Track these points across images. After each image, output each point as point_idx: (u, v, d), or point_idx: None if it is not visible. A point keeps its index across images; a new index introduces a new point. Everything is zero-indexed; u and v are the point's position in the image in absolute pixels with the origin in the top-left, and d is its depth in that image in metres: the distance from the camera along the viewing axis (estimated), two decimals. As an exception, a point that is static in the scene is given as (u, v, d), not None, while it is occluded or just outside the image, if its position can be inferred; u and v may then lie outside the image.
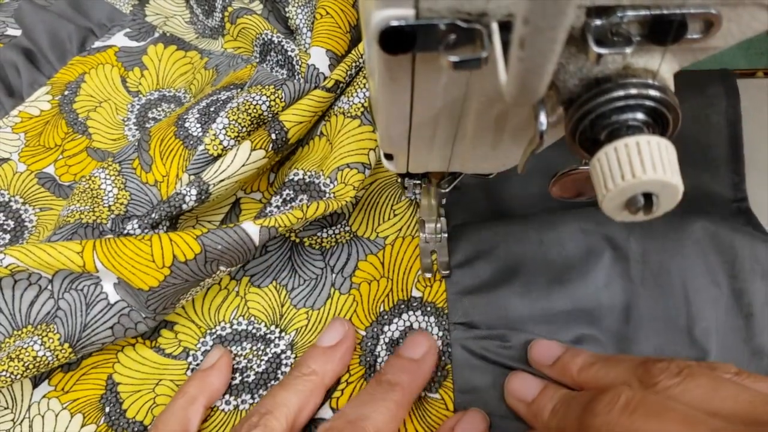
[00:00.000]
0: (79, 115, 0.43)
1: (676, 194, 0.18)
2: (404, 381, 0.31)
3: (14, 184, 0.41)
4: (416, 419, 0.34)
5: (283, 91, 0.37)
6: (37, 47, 0.45)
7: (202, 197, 0.34)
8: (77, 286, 0.33)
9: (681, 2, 0.17)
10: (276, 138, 0.36)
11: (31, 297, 0.33)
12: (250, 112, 0.36)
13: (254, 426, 0.29)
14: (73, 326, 0.33)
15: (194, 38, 0.47)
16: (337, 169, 0.37)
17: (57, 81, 0.44)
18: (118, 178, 0.38)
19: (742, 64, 0.45)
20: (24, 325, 0.33)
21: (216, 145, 0.36)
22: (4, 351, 0.33)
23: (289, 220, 0.34)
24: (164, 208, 0.34)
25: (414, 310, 0.37)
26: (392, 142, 0.25)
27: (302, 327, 0.37)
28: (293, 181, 0.38)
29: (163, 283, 0.32)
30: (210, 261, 0.33)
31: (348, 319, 0.36)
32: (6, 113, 0.43)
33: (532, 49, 0.14)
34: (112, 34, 0.46)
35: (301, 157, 0.40)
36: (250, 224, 0.33)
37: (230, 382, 0.35)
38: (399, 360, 0.33)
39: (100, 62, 0.44)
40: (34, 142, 0.42)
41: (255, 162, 0.36)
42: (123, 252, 0.32)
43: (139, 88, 0.44)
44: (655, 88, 0.18)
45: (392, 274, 0.38)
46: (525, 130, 0.23)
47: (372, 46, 0.17)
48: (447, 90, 0.20)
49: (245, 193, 0.40)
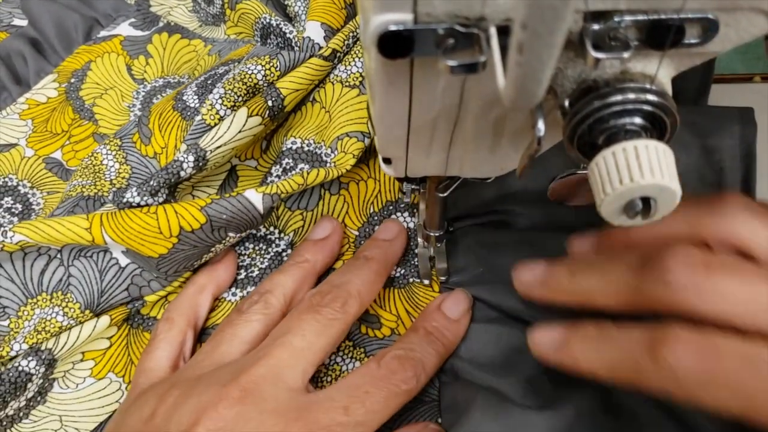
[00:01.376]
0: (86, 101, 0.44)
1: (674, 198, 0.18)
2: (377, 255, 0.35)
3: (22, 169, 0.41)
4: (404, 300, 0.37)
5: (279, 60, 0.37)
6: (44, 37, 0.45)
7: (199, 164, 0.34)
8: (86, 254, 0.35)
9: (678, 7, 0.17)
10: (272, 105, 0.37)
11: (42, 266, 0.34)
12: (245, 81, 0.37)
13: (255, 302, 0.33)
14: (90, 294, 0.34)
15: (197, 27, 0.48)
16: (337, 138, 0.38)
17: (63, 69, 0.45)
18: (119, 152, 0.39)
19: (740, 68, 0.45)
20: (38, 293, 0.34)
21: (213, 114, 0.36)
22: (27, 321, 0.34)
23: (290, 186, 0.35)
24: (162, 176, 0.34)
25: (402, 211, 0.39)
26: (390, 146, 0.25)
27: (299, 228, 0.39)
28: (291, 150, 0.39)
29: (172, 250, 0.34)
30: (217, 229, 0.34)
31: (341, 220, 0.39)
32: (13, 100, 0.44)
33: (531, 53, 0.14)
34: (117, 23, 0.47)
35: (294, 124, 0.40)
36: (252, 192, 0.34)
37: (236, 277, 0.38)
38: (373, 241, 0.37)
39: (105, 51, 0.45)
40: (42, 128, 0.43)
41: (252, 128, 0.36)
42: (130, 226, 0.33)
43: (144, 75, 0.45)
44: (653, 93, 0.18)
45: (379, 176, 0.40)
46: (523, 134, 0.23)
47: (370, 51, 0.17)
48: (445, 94, 0.20)
49: (240, 160, 0.40)
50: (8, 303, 0.34)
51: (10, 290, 0.34)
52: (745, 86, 0.44)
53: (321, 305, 0.31)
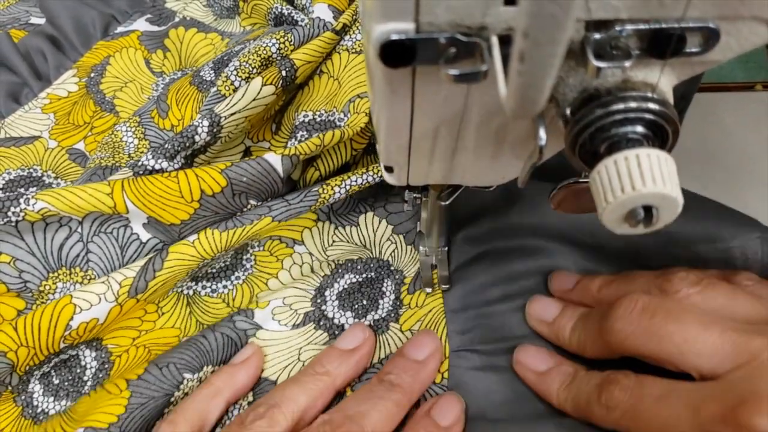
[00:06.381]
0: (106, 94, 0.44)
1: (676, 207, 0.18)
2: (405, 382, 0.31)
3: (46, 160, 0.42)
4: None
5: (293, 34, 0.38)
6: (62, 34, 0.46)
7: (214, 130, 0.35)
8: (107, 229, 0.34)
9: (680, 16, 0.17)
10: (286, 75, 0.37)
11: (61, 239, 0.34)
12: (260, 53, 0.37)
13: (260, 416, 0.29)
14: (113, 270, 0.34)
15: (213, 20, 0.49)
16: (349, 101, 0.39)
17: (83, 64, 0.46)
18: (138, 129, 0.40)
19: (741, 77, 0.46)
20: (58, 267, 0.34)
21: (228, 85, 0.37)
22: (51, 294, 0.34)
23: (309, 148, 0.35)
24: (177, 140, 0.34)
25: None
26: (392, 154, 0.25)
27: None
28: (304, 123, 0.39)
29: (193, 216, 0.34)
30: (237, 194, 0.34)
31: None
32: (35, 95, 0.45)
33: (532, 62, 0.14)
34: (134, 19, 0.48)
35: (303, 99, 0.41)
36: (271, 155, 0.34)
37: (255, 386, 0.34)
38: (402, 360, 0.32)
39: (123, 46, 0.46)
40: (64, 121, 0.44)
41: (265, 97, 0.36)
42: (151, 190, 0.33)
43: (162, 68, 0.46)
44: (655, 102, 0.18)
45: None
46: (525, 143, 0.23)
47: (372, 59, 0.17)
48: (447, 103, 0.20)
49: (253, 142, 0.41)
50: (29, 277, 0.34)
51: (31, 264, 0.34)
52: (746, 95, 0.44)
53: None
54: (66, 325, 0.32)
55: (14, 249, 0.34)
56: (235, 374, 0.33)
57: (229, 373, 0.33)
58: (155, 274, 0.33)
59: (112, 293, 0.33)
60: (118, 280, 0.33)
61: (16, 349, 0.32)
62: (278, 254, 0.39)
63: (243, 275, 0.38)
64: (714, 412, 0.23)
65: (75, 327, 0.32)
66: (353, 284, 0.37)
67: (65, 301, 0.32)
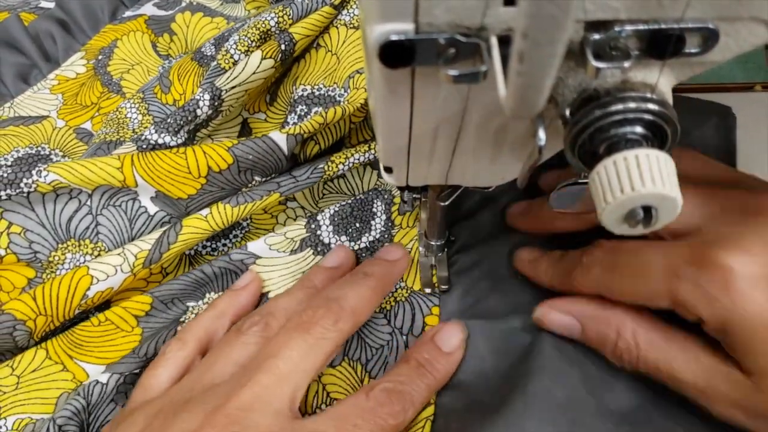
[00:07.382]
0: (114, 76, 0.45)
1: (675, 207, 0.18)
2: (377, 272, 0.34)
3: (54, 139, 0.42)
4: None
5: (291, 9, 0.39)
6: (71, 17, 0.47)
7: (215, 103, 0.36)
8: (116, 203, 0.35)
9: (679, 17, 0.17)
10: (285, 48, 0.38)
11: (71, 212, 0.35)
12: (259, 27, 0.38)
13: (255, 324, 0.32)
14: (122, 242, 0.35)
15: (219, 5, 0.49)
16: (349, 77, 0.39)
17: (91, 47, 0.47)
18: (141, 104, 0.40)
19: (740, 77, 0.46)
20: (67, 239, 0.35)
21: (227, 59, 0.37)
22: (60, 265, 0.35)
23: (312, 126, 0.36)
24: (179, 114, 0.35)
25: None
26: (391, 154, 0.25)
27: None
28: (303, 97, 0.40)
29: (200, 191, 0.35)
30: (243, 170, 0.35)
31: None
32: (44, 76, 0.46)
33: (531, 63, 0.14)
34: (142, 4, 0.49)
35: (300, 72, 0.41)
36: (276, 133, 0.36)
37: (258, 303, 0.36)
38: (374, 259, 0.36)
39: (131, 29, 0.47)
40: (71, 101, 0.44)
41: (265, 70, 0.37)
42: (160, 165, 0.34)
43: (169, 51, 0.47)
44: (654, 102, 0.18)
45: None
46: (524, 143, 0.23)
47: (371, 60, 0.17)
48: (446, 103, 0.20)
49: (249, 113, 0.41)
50: (39, 248, 0.35)
51: (41, 235, 0.35)
52: (745, 95, 0.44)
53: (312, 322, 0.30)
54: (83, 295, 0.33)
55: (25, 220, 0.34)
56: (237, 296, 0.36)
57: (231, 296, 0.36)
58: (169, 246, 0.35)
59: (128, 264, 0.34)
60: (134, 252, 0.34)
61: (35, 318, 0.33)
62: (272, 211, 0.40)
63: (240, 233, 0.40)
64: (684, 254, 0.25)
65: (91, 296, 0.34)
66: (344, 206, 0.39)
67: (82, 272, 0.33)
